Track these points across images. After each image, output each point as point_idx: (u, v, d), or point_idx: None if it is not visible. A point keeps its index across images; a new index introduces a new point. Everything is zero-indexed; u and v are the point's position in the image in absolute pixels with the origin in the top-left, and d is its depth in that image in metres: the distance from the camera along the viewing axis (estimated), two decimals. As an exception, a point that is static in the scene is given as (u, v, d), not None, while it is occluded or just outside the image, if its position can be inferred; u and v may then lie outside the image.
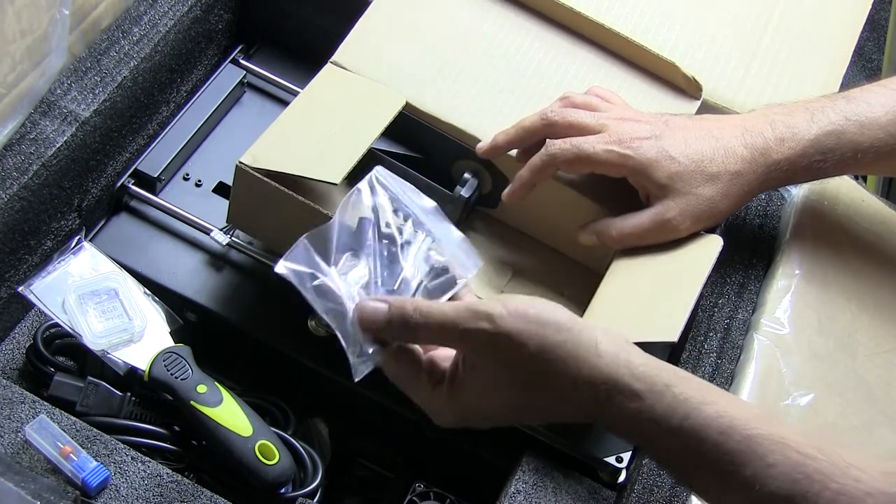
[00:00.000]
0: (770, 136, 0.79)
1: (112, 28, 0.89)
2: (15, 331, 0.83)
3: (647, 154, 0.77)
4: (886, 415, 0.78)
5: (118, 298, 0.79)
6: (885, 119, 0.79)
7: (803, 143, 0.79)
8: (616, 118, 0.79)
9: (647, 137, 0.78)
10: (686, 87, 0.88)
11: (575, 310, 0.83)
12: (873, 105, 0.80)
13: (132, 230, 0.88)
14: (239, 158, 0.75)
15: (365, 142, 0.78)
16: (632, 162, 0.77)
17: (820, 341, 0.81)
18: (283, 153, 0.76)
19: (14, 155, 0.80)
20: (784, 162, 0.78)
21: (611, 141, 0.78)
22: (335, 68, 0.84)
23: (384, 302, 0.64)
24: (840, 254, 0.86)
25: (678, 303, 0.74)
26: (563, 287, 0.86)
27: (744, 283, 0.86)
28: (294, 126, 0.79)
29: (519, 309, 0.62)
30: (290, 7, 1.01)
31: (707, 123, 0.80)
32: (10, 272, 0.81)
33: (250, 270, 0.86)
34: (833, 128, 0.79)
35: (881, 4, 1.11)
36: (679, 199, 0.77)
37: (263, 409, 0.81)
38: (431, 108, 0.84)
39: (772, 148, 0.78)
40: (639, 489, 0.74)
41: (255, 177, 0.75)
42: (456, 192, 0.85)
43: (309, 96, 0.82)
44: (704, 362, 0.80)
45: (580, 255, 0.87)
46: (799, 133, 0.79)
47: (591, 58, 0.89)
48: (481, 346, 0.63)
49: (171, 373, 0.75)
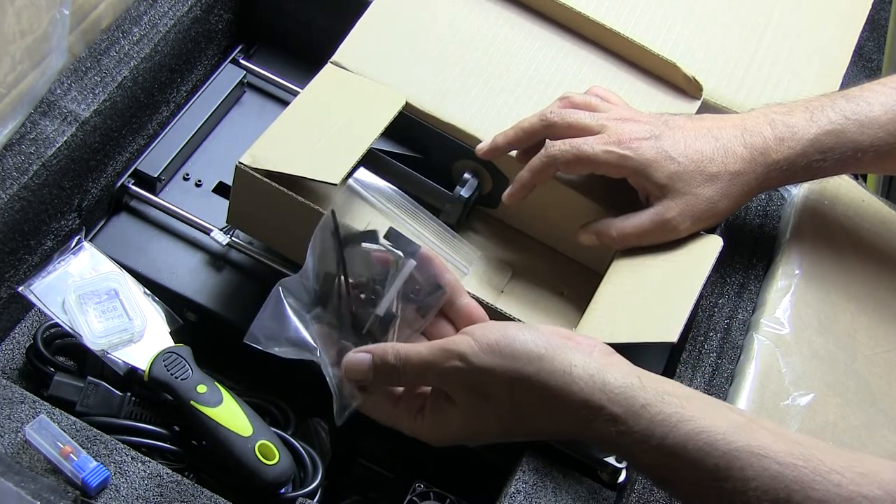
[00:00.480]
0: (769, 135, 0.79)
1: (112, 28, 0.89)
2: (15, 331, 0.83)
3: (647, 154, 0.77)
4: (886, 415, 0.78)
5: (118, 298, 0.79)
6: (885, 118, 0.79)
7: (803, 142, 0.78)
8: (615, 118, 0.79)
9: (647, 138, 0.78)
10: (686, 87, 0.88)
11: (574, 310, 0.84)
12: (873, 104, 0.80)
13: (132, 230, 0.88)
14: (238, 159, 0.75)
15: (365, 142, 0.78)
16: (631, 163, 0.77)
17: (820, 341, 0.81)
18: (283, 153, 0.76)
19: (14, 155, 0.80)
20: (783, 161, 0.78)
21: (610, 142, 0.78)
22: (335, 68, 0.84)
23: (367, 352, 0.65)
24: (840, 254, 0.86)
25: (678, 303, 0.74)
26: (563, 287, 0.86)
27: (744, 283, 0.86)
28: (294, 126, 0.79)
29: (490, 343, 0.63)
30: (290, 7, 1.01)
31: (706, 123, 0.80)
32: (10, 272, 0.81)
33: (250, 270, 0.86)
34: (833, 127, 0.79)
35: (881, 4, 1.11)
36: (679, 200, 0.77)
37: (263, 409, 0.81)
38: (431, 108, 0.84)
39: (771, 147, 0.78)
40: (639, 489, 0.74)
41: (254, 177, 0.75)
42: (456, 193, 0.85)
43: (309, 96, 0.82)
44: (704, 362, 0.80)
45: (580, 255, 0.87)
46: (798, 133, 0.79)
47: (592, 58, 0.89)
48: (458, 383, 0.64)
49: (171, 373, 0.75)
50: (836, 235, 0.87)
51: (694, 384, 0.79)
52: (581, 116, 0.80)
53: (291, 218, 0.76)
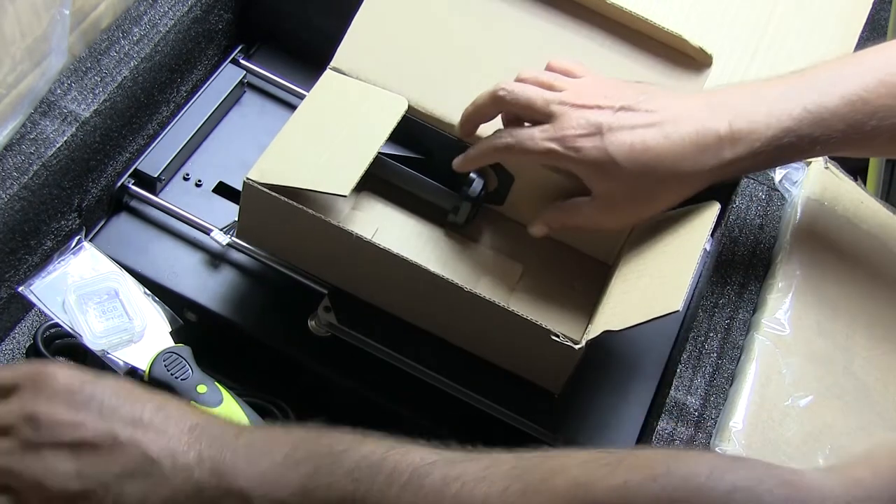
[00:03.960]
0: (725, 134, 0.76)
1: (112, 28, 0.89)
2: (15, 331, 0.83)
3: (589, 155, 0.76)
4: (882, 417, 0.78)
5: (118, 298, 0.79)
6: (844, 110, 0.76)
7: (761, 140, 0.76)
8: (568, 103, 0.77)
9: (593, 134, 0.76)
10: (696, 55, 0.85)
11: (586, 304, 0.85)
12: (832, 94, 0.76)
13: (132, 230, 0.87)
14: (246, 175, 0.75)
15: (371, 150, 0.78)
16: (571, 165, 0.77)
17: (819, 342, 0.81)
18: (290, 166, 0.76)
19: (14, 155, 0.80)
20: (737, 159, 0.76)
21: (554, 138, 0.76)
22: (335, 74, 0.84)
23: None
24: (840, 255, 0.86)
25: (679, 274, 0.74)
26: (574, 280, 0.86)
27: (744, 284, 0.86)
28: (298, 137, 0.79)
29: None
30: (290, 7, 1.01)
31: (662, 116, 0.76)
32: (10, 272, 0.81)
33: (250, 270, 0.86)
34: (791, 123, 0.76)
35: (881, 4, 1.11)
36: (615, 207, 0.78)
37: (263, 409, 0.81)
38: (432, 109, 0.84)
39: (725, 147, 0.76)
40: (638, 489, 0.74)
41: (263, 192, 0.74)
42: (463, 192, 0.85)
43: (310, 105, 0.81)
44: (704, 362, 0.80)
45: (588, 248, 0.88)
46: (756, 131, 0.76)
47: (595, 47, 0.87)
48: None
49: (171, 373, 0.75)
50: (835, 236, 0.88)
51: (694, 384, 0.79)
52: (532, 95, 0.78)
53: (302, 230, 0.76)
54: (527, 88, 0.78)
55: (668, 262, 0.77)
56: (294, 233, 0.77)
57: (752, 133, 0.76)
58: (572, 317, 0.84)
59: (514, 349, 0.77)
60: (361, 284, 0.79)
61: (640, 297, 0.75)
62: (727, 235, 0.88)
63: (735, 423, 0.75)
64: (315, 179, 0.75)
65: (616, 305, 0.77)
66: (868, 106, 0.76)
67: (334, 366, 0.83)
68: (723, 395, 0.79)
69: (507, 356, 0.78)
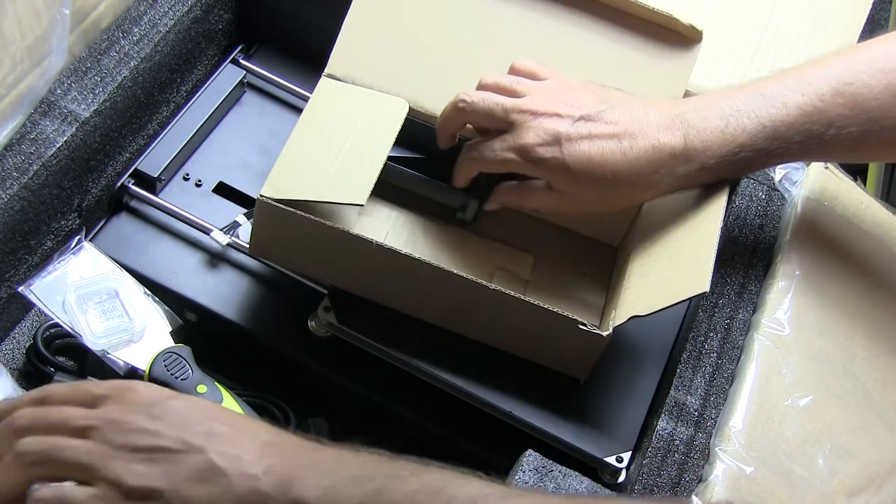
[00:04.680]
0: (680, 151, 0.76)
1: (112, 28, 0.89)
2: (15, 331, 0.83)
3: (547, 164, 0.76)
4: (882, 417, 0.78)
5: (118, 298, 0.79)
6: (800, 121, 0.76)
7: (715, 157, 0.76)
8: (528, 111, 0.77)
9: (551, 144, 0.76)
10: (686, 32, 0.84)
11: (598, 289, 0.86)
12: (789, 106, 0.76)
13: (132, 230, 0.88)
14: (259, 192, 0.74)
15: (380, 156, 0.78)
16: (530, 172, 0.78)
17: (819, 343, 0.81)
18: (302, 180, 0.76)
19: (14, 155, 0.80)
20: (690, 175, 0.77)
21: (513, 147, 0.77)
22: (331, 81, 0.84)
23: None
24: (839, 255, 0.86)
25: (701, 255, 0.74)
26: (584, 266, 0.87)
27: (744, 284, 0.86)
28: (305, 149, 0.78)
29: None
30: (290, 7, 1.01)
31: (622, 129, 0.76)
32: (10, 272, 0.81)
33: (250, 270, 0.86)
34: (746, 139, 0.75)
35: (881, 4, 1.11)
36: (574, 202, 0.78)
37: (263, 409, 0.81)
38: (430, 108, 0.84)
39: (679, 164, 0.76)
40: (639, 489, 0.74)
41: (277, 208, 0.74)
42: (471, 189, 0.85)
43: (312, 115, 0.81)
44: (705, 362, 0.80)
45: (594, 232, 0.89)
46: (711, 148, 0.76)
47: (585, 33, 0.85)
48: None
49: (171, 373, 0.75)
50: (835, 237, 0.88)
51: (694, 384, 0.79)
52: (490, 104, 0.78)
53: (320, 243, 0.76)
54: (486, 97, 0.79)
55: (685, 244, 0.77)
56: (311, 245, 0.77)
57: (707, 150, 0.76)
58: (588, 303, 0.85)
59: (537, 340, 0.78)
60: (383, 291, 0.79)
61: (663, 280, 0.76)
62: (727, 235, 0.88)
63: (735, 423, 0.75)
64: (329, 191, 0.75)
65: (639, 290, 0.77)
66: (824, 116, 0.75)
67: (334, 366, 0.83)
68: (723, 394, 0.79)
69: (531, 347, 0.79)
